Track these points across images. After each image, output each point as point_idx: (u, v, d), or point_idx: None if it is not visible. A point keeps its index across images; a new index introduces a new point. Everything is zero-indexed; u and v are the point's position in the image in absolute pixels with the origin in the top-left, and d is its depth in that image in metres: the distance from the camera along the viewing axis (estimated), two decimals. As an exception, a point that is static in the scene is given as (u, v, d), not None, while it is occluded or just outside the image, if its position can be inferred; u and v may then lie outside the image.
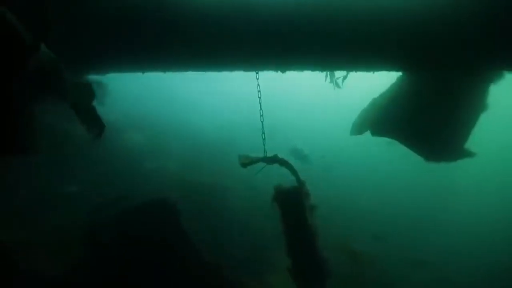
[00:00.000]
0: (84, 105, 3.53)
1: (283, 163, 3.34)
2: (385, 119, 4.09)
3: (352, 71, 3.76)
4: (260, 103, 3.52)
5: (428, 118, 3.84)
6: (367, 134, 4.35)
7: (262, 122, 3.42)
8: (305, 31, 3.27)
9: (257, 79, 3.59)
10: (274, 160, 3.33)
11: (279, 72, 4.03)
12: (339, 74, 4.32)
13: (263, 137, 3.45)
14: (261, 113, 3.47)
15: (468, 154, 3.69)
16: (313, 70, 3.79)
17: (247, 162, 3.28)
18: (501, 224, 11.87)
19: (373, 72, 3.77)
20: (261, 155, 3.46)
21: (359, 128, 4.26)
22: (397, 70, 3.69)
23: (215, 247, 6.15)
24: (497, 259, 9.25)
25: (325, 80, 4.57)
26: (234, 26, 3.65)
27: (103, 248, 4.26)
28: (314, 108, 23.74)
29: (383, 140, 4.42)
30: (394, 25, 3.26)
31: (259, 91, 3.58)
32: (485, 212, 13.37)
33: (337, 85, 4.61)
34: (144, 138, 10.13)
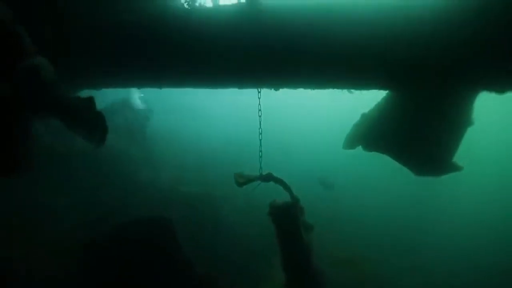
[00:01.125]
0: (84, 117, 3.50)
1: (278, 180, 3.44)
2: (375, 134, 4.23)
3: (345, 89, 3.90)
4: (260, 122, 3.62)
5: (416, 133, 3.99)
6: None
7: (260, 140, 3.52)
8: (298, 53, 3.40)
9: (259, 98, 3.68)
10: (269, 178, 3.42)
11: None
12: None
13: (260, 155, 3.55)
14: (260, 131, 3.57)
15: (456, 168, 3.84)
16: (305, 88, 3.94)
17: (242, 181, 3.37)
18: (499, 225, 12.05)
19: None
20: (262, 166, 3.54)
21: (351, 142, 4.38)
22: (387, 89, 3.85)
23: (210, 257, 6.18)
24: (495, 261, 9.43)
25: None
26: (229, 44, 3.77)
27: (98, 261, 4.28)
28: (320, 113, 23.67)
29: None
30: (383, 46, 3.41)
31: (259, 110, 3.67)
32: (482, 214, 13.56)
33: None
34: (142, 148, 10.18)
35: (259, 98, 3.66)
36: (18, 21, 2.94)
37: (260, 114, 3.69)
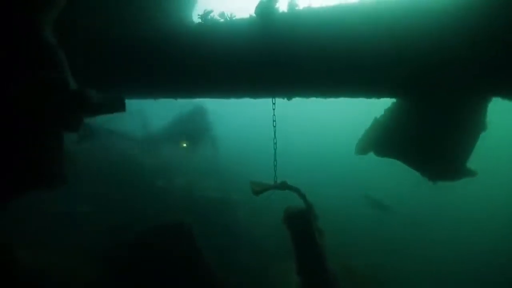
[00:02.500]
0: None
1: (293, 189, 3.55)
2: (387, 139, 4.27)
3: (357, 97, 3.97)
4: (275, 132, 3.76)
5: (429, 139, 4.02)
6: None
7: (275, 150, 3.66)
8: (309, 64, 3.51)
9: (274, 109, 3.81)
10: (284, 186, 3.54)
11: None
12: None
13: (275, 163, 3.68)
14: (275, 141, 3.71)
15: (469, 173, 3.85)
16: (317, 97, 4.04)
17: (259, 190, 3.50)
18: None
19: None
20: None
21: (363, 148, 4.45)
22: (400, 96, 3.90)
23: (225, 261, 6.31)
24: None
25: None
26: (243, 55, 3.91)
27: (122, 267, 4.47)
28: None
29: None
30: (395, 54, 3.47)
31: (274, 120, 3.81)
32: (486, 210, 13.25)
33: None
34: (156, 154, 10.44)
35: (273, 109, 3.81)
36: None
37: (274, 125, 3.83)
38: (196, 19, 4.29)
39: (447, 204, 12.81)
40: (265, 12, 3.59)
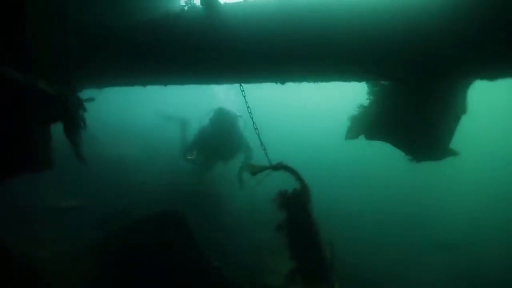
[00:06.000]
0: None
1: (288, 169, 3.61)
2: (376, 123, 4.44)
3: (342, 81, 4.07)
4: (252, 118, 3.86)
5: (414, 121, 4.21)
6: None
7: (258, 135, 3.78)
8: (292, 48, 3.53)
9: (244, 96, 3.85)
10: (279, 167, 3.60)
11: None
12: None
13: (263, 147, 3.80)
14: (255, 127, 3.82)
15: (452, 153, 4.08)
16: (308, 81, 4.11)
17: (256, 170, 3.53)
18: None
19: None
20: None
21: (353, 133, 4.60)
22: (381, 80, 4.05)
23: (215, 253, 6.28)
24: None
25: None
26: (224, 44, 3.87)
27: (116, 260, 4.35)
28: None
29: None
30: (379, 39, 3.57)
31: (248, 107, 3.88)
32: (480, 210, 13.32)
33: None
34: (138, 148, 10.15)
35: (244, 97, 3.90)
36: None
37: (249, 111, 3.99)
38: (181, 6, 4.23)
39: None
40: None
